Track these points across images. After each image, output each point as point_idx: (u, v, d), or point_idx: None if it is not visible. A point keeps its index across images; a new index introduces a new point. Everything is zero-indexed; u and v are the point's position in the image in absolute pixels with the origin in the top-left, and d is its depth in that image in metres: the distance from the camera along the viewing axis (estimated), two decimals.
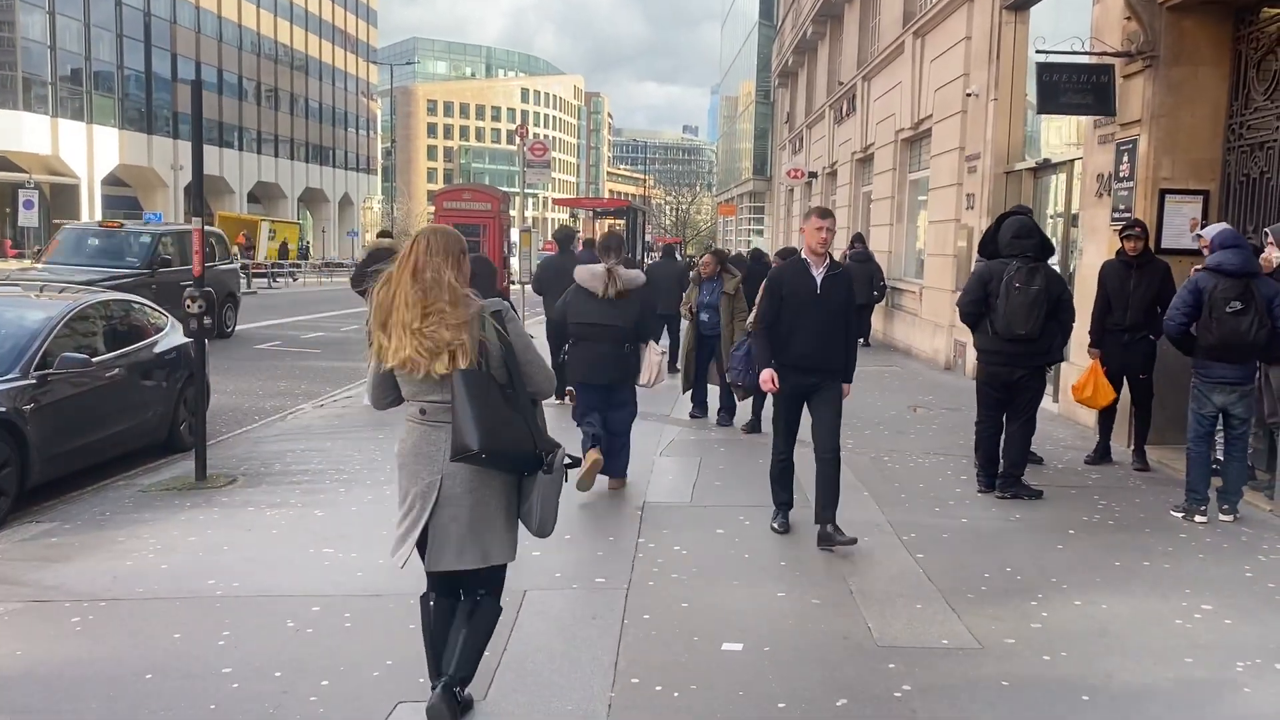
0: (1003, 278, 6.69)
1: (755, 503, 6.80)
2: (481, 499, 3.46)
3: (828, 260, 5.83)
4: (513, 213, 19.57)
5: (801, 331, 5.75)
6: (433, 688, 3.60)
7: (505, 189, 17.69)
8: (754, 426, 9.13)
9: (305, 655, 4.25)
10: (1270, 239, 6.48)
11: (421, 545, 3.56)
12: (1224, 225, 6.46)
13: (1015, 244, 6.77)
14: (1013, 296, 6.64)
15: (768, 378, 5.83)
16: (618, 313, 6.87)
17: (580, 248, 12.84)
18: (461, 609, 3.66)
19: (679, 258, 19.06)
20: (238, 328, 19.01)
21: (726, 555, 5.62)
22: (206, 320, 7.41)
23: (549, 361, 3.90)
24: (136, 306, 9.23)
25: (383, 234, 12.46)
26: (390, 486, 7.12)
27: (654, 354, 7.21)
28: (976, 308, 6.90)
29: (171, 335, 9.06)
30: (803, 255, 5.92)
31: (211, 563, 5.49)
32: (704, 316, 9.51)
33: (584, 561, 5.49)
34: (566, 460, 3.61)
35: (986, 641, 4.37)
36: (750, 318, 8.94)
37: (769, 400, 6.66)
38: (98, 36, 52.43)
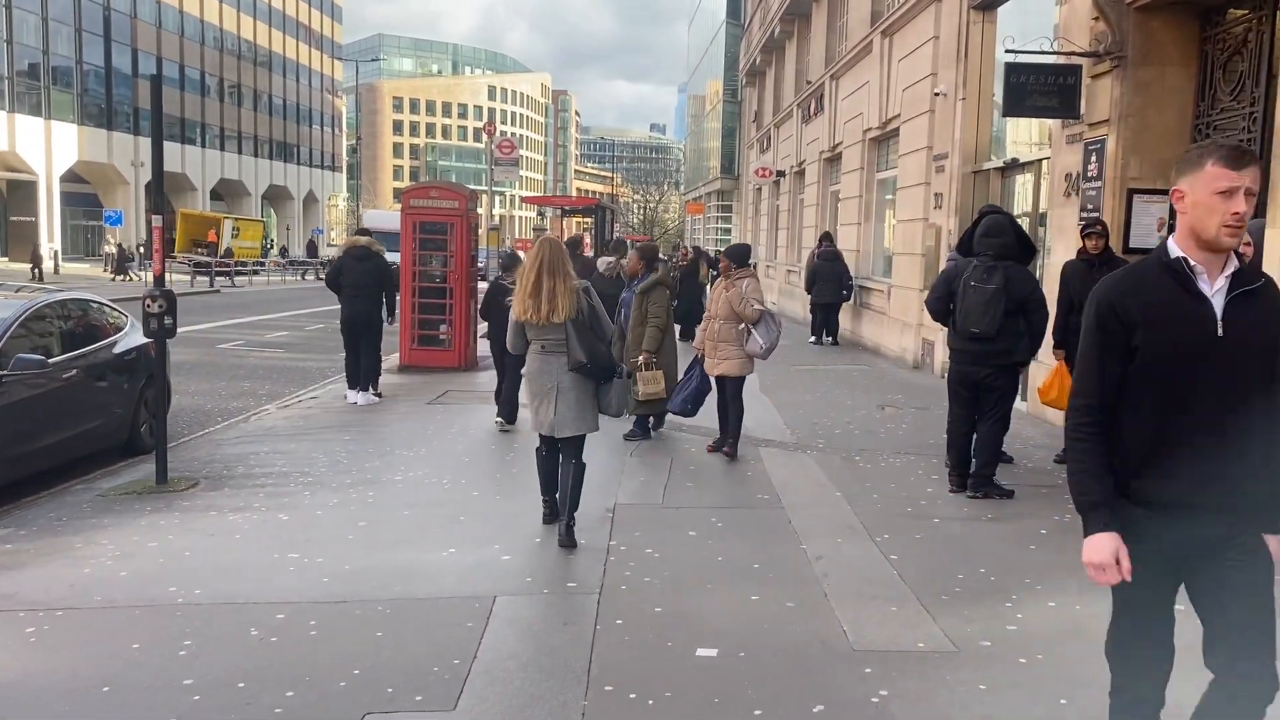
0: (964, 275, 6.73)
1: (727, 504, 6.76)
2: (580, 395, 5.81)
3: (1232, 263, 2.70)
4: (480, 211, 19.41)
5: (1183, 420, 2.64)
6: (545, 504, 6.18)
7: (472, 187, 17.58)
8: (723, 447, 8.20)
9: (269, 665, 4.13)
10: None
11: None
12: None
13: (982, 242, 6.79)
14: (969, 295, 6.71)
15: (1109, 556, 2.64)
16: (617, 288, 9.86)
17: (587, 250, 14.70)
18: (562, 469, 5.93)
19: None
20: (199, 327, 18.72)
21: (699, 558, 5.55)
22: (167, 320, 7.24)
23: None
24: (95, 306, 9.04)
25: (361, 232, 12.29)
26: (356, 489, 7.05)
27: None
28: (942, 305, 6.96)
29: (131, 335, 8.87)
30: (1173, 250, 2.72)
31: (172, 569, 5.36)
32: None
33: (555, 566, 5.41)
34: (626, 373, 6.25)
35: (962, 644, 4.33)
36: (645, 344, 8.40)
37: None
38: (56, 30, 51.45)
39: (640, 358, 8.44)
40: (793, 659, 4.19)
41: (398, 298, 11.70)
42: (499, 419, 9.45)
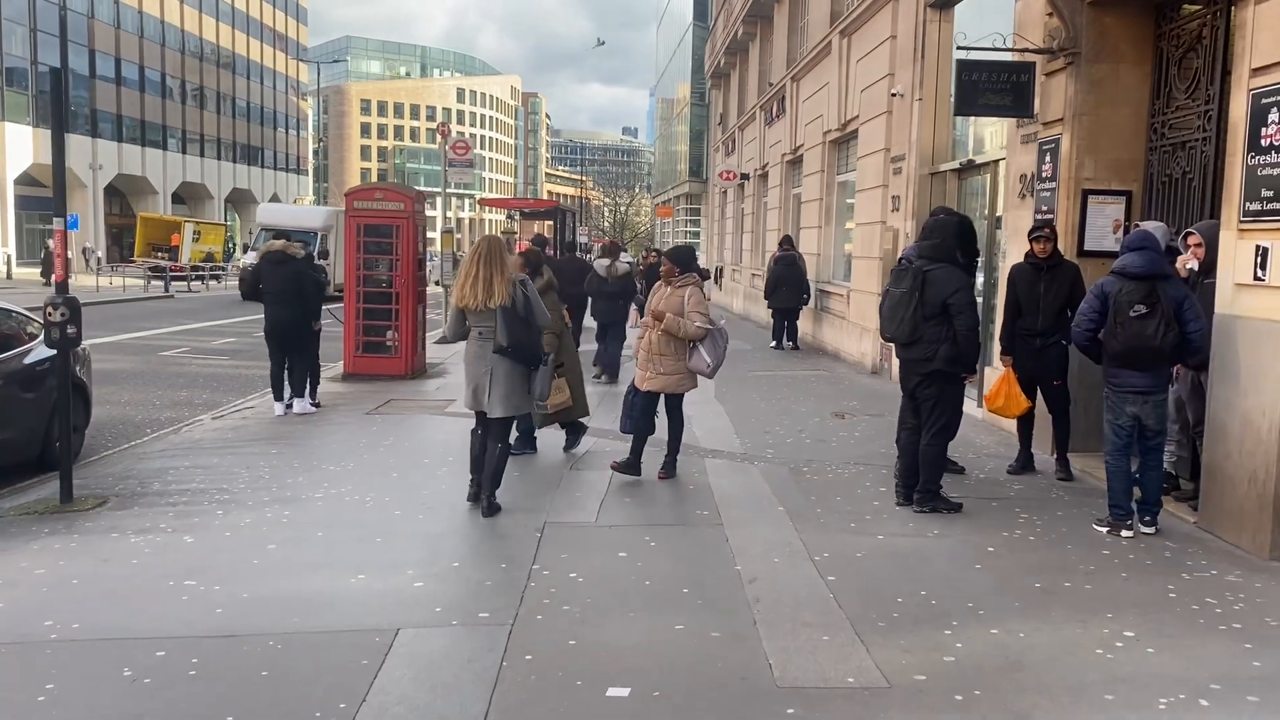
0: None
1: (664, 521, 6.42)
2: (510, 380, 6.39)
3: None
4: (431, 213, 19.01)
5: None
6: (471, 483, 6.67)
7: (438, 189, 17.13)
8: (630, 466, 7.42)
9: (134, 712, 3.74)
10: (1196, 237, 6.26)
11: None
12: (1156, 224, 6.23)
13: (916, 244, 6.54)
14: (885, 299, 6.49)
15: None
16: (615, 285, 12.85)
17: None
18: (488, 450, 6.48)
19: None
20: (144, 333, 18.17)
21: (626, 582, 5.20)
22: (70, 330, 6.81)
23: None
24: (14, 315, 8.58)
25: (278, 236, 11.76)
26: (272, 508, 6.65)
27: (633, 307, 13.27)
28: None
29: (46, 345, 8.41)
30: None
31: (55, 600, 4.95)
32: None
33: (469, 593, 5.04)
34: (553, 360, 7.07)
35: (895, 679, 4.00)
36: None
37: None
38: (10, 30, 50.41)
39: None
40: (710, 698, 3.84)
41: (323, 305, 11.12)
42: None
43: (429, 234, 16.66)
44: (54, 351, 8.17)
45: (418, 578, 5.25)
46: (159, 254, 43.85)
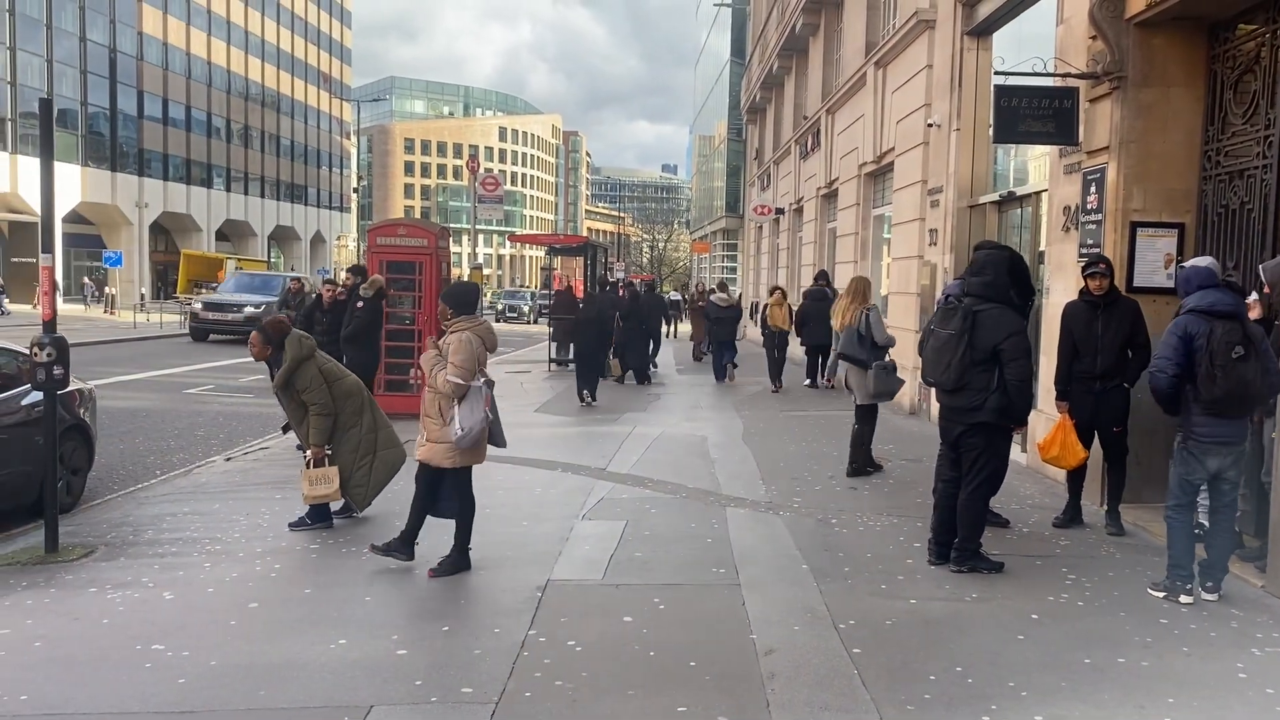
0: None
1: (676, 580, 5.93)
2: (859, 376, 8.94)
3: None
4: (457, 249, 18.77)
5: None
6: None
7: (479, 226, 16.81)
8: (456, 566, 6.02)
9: None
10: (1264, 278, 5.71)
11: None
12: (1208, 259, 5.65)
13: (965, 281, 5.98)
14: (929, 340, 5.88)
15: None
16: (730, 311, 17.67)
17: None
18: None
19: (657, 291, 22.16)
20: (171, 370, 18.03)
21: (628, 652, 4.72)
22: (56, 370, 6.52)
23: None
24: (17, 355, 8.34)
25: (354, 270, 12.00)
26: (263, 560, 6.26)
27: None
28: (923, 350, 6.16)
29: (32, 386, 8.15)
30: None
31: (9, 666, 4.58)
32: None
33: (455, 663, 4.59)
34: (891, 364, 8.96)
35: None
36: (314, 439, 6.65)
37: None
38: (60, 72, 51.58)
39: (310, 453, 6.91)
40: None
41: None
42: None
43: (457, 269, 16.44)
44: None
45: (402, 644, 4.82)
46: (200, 290, 44.29)
